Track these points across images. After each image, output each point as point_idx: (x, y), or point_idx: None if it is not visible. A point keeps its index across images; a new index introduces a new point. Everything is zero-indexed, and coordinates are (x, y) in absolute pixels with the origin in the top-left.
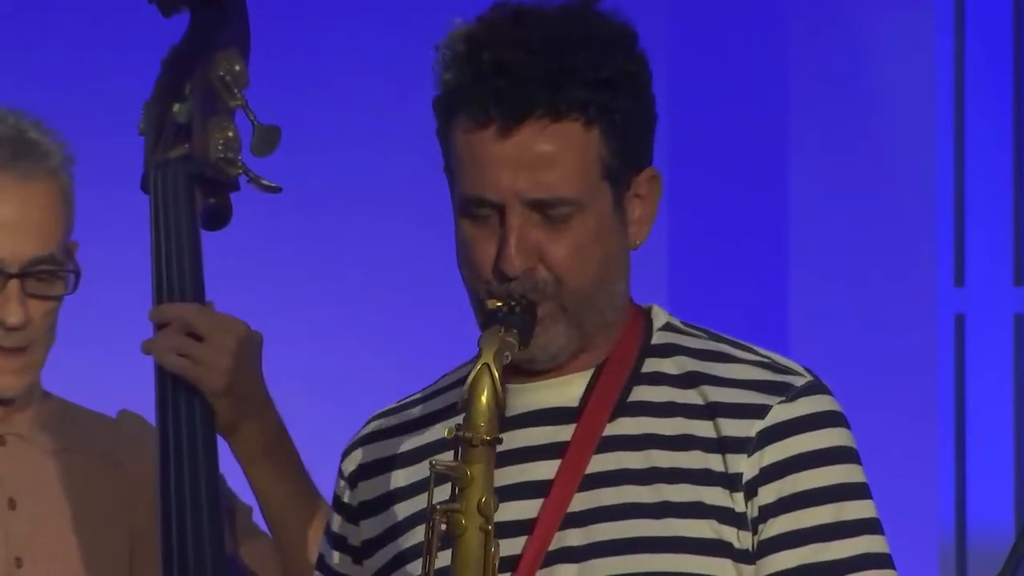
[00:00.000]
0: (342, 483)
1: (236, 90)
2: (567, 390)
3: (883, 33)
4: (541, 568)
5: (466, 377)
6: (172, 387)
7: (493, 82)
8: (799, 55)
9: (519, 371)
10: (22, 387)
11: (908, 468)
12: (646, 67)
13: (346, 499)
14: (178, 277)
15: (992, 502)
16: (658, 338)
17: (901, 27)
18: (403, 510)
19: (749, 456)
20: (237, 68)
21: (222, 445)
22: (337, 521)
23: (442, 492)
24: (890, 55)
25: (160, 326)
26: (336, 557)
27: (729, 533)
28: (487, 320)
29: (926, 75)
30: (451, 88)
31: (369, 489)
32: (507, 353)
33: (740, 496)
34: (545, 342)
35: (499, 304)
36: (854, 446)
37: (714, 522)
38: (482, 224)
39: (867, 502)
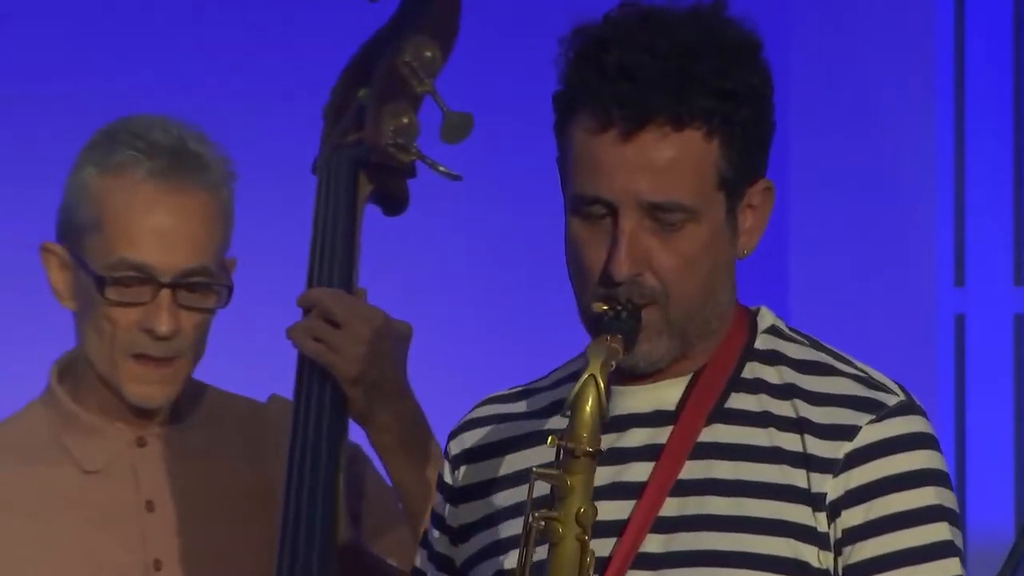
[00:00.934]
0: (446, 464)
1: (424, 76)
2: (666, 394)
3: (883, 34)
4: (627, 571)
5: (576, 373)
6: (308, 372)
7: (617, 85)
8: (800, 56)
9: (619, 373)
10: (166, 398)
11: None
12: (769, 78)
13: (448, 480)
14: (329, 262)
15: (992, 502)
16: (762, 342)
17: (901, 27)
18: (502, 499)
19: (835, 477)
20: (428, 55)
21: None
22: (439, 501)
23: (537, 490)
24: (890, 56)
25: (307, 311)
26: (437, 535)
27: (808, 552)
28: (592, 324)
29: (926, 75)
30: (574, 86)
31: (471, 473)
32: (613, 361)
33: (823, 516)
34: (648, 350)
35: (605, 308)
36: (945, 469)
37: (792, 540)
38: (593, 225)
39: (955, 529)
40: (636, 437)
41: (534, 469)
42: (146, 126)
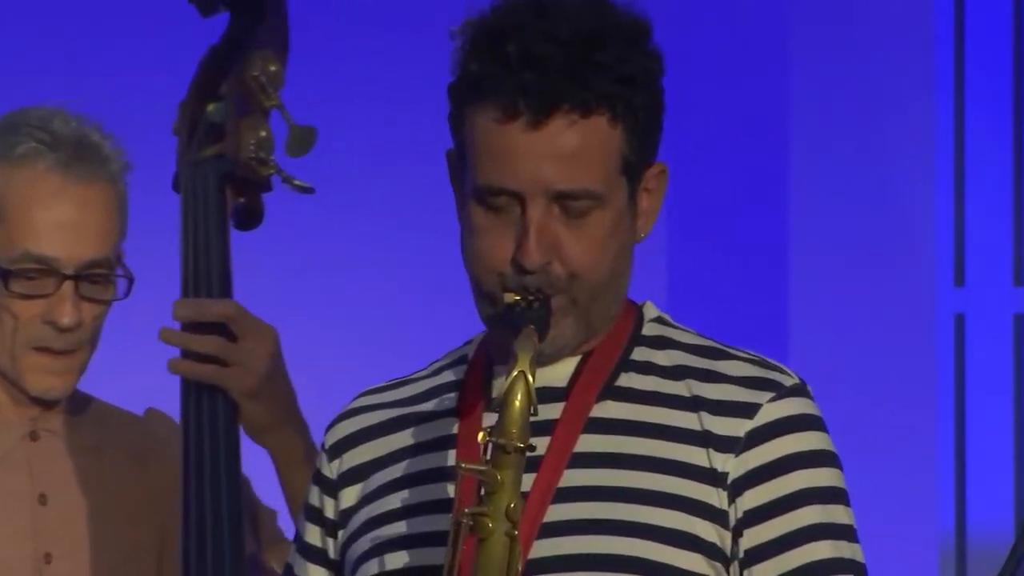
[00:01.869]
0: (324, 456)
1: (271, 90)
2: (556, 372)
3: (883, 33)
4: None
5: (463, 359)
6: (196, 387)
7: (521, 75)
8: (799, 55)
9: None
10: (66, 389)
11: (908, 468)
12: (661, 62)
13: (325, 471)
14: (205, 276)
15: (992, 502)
16: (649, 329)
17: (901, 27)
18: (380, 478)
19: (737, 456)
20: (273, 69)
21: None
22: (315, 493)
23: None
24: (890, 55)
25: (186, 325)
26: (309, 530)
27: (702, 527)
28: (504, 314)
29: (926, 75)
30: (475, 78)
31: (350, 459)
32: (535, 354)
33: (724, 494)
34: (555, 335)
35: (517, 299)
36: (837, 453)
37: (685, 514)
38: (497, 214)
39: (851, 510)
40: None
41: (462, 464)
42: (45, 118)
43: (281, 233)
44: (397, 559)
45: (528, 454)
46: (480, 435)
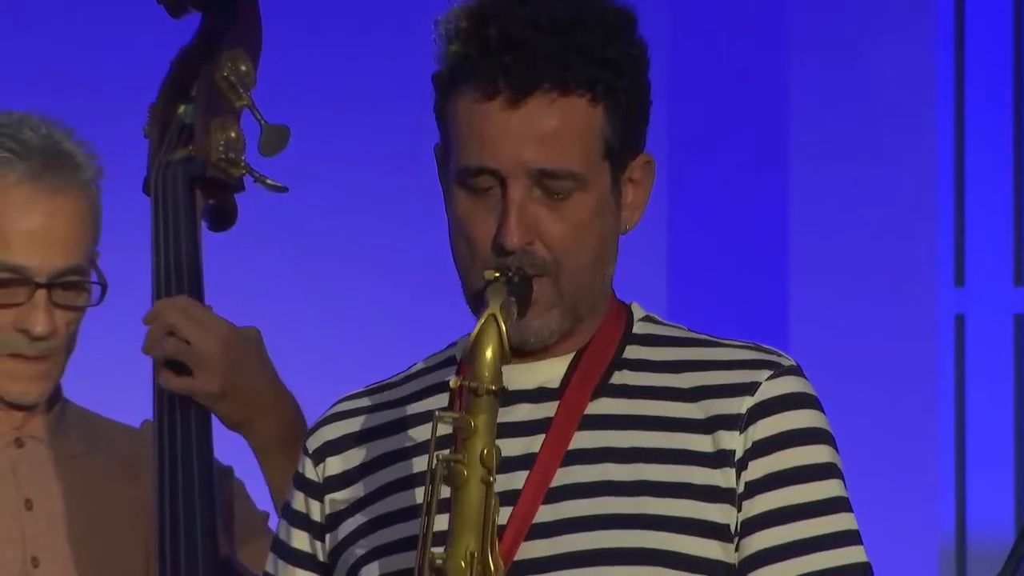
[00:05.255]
0: (307, 460)
1: (242, 90)
2: (549, 371)
3: (883, 33)
4: (523, 541)
5: (449, 360)
6: (168, 394)
7: (502, 56)
8: (800, 53)
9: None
10: (42, 394)
11: (908, 468)
12: (646, 52)
13: (310, 475)
14: (176, 279)
15: (992, 502)
16: (639, 328)
17: (902, 26)
18: (372, 482)
19: (741, 432)
20: (243, 68)
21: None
22: (298, 498)
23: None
24: (891, 54)
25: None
26: (294, 535)
27: (712, 511)
28: (483, 290)
29: (926, 74)
30: (456, 61)
31: (337, 464)
32: (511, 311)
33: (731, 472)
34: (539, 326)
35: (496, 275)
36: (831, 431)
37: (693, 501)
38: (480, 197)
39: (844, 484)
40: (521, 412)
41: (437, 412)
42: (14, 125)
43: (265, 232)
44: (396, 563)
45: (520, 452)
46: (452, 380)
